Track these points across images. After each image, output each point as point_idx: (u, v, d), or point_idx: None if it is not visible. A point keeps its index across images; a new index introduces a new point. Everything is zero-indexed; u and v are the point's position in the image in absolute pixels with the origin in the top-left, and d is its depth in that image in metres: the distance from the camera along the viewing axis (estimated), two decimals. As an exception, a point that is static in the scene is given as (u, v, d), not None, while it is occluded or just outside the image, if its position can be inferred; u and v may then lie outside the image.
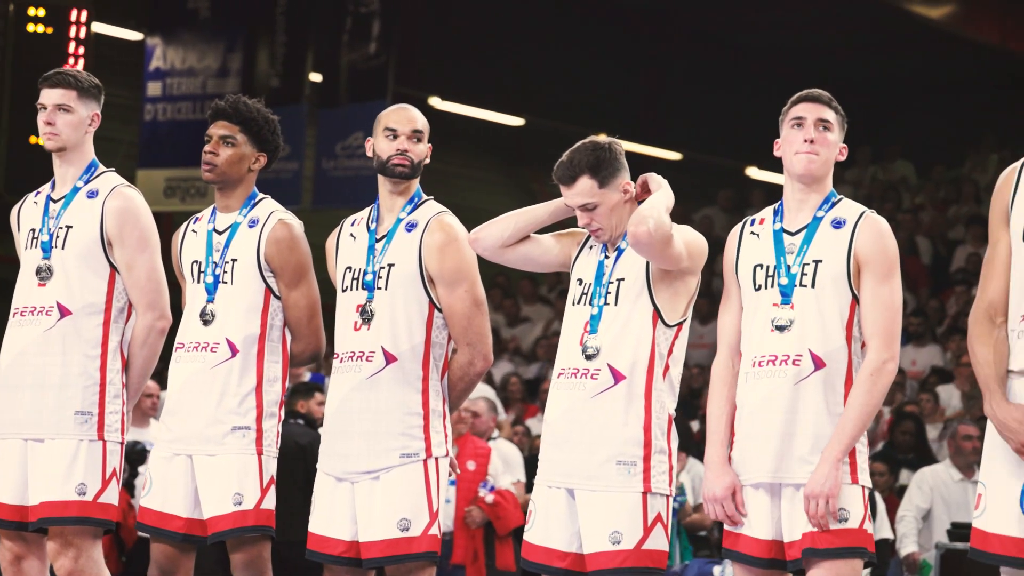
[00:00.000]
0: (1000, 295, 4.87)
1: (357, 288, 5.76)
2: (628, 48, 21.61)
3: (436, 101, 19.71)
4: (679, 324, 5.37)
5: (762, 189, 21.51)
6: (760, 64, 22.51)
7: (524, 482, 11.01)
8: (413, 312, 5.69)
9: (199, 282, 6.03)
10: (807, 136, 5.12)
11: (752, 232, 5.27)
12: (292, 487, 6.50)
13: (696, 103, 22.77)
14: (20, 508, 5.90)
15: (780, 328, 5.08)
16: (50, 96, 5.95)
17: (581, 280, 5.46)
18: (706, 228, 19.30)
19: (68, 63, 14.37)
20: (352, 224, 5.92)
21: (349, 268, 5.81)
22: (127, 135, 17.29)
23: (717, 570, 9.55)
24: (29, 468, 5.88)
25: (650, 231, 5.13)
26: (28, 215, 6.07)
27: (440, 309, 5.71)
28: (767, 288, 5.14)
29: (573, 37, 21.13)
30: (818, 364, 5.03)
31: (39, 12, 14.81)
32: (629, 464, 5.26)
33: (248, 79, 16.55)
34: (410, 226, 5.76)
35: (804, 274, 5.09)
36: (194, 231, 6.14)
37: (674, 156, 22.60)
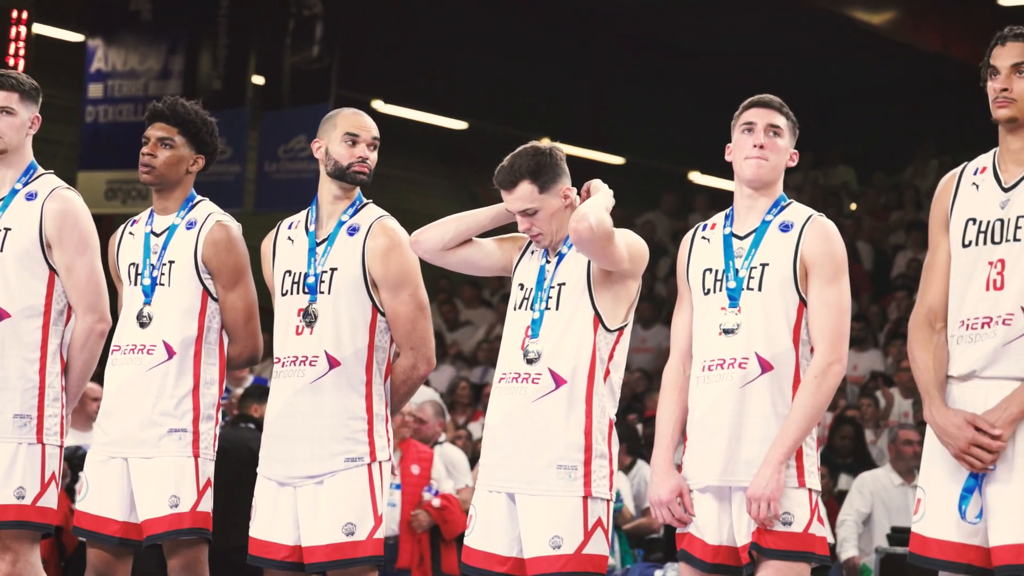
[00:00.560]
0: (940, 301, 4.89)
1: (298, 292, 5.73)
2: (571, 52, 21.65)
3: (379, 104, 19.69)
4: (620, 329, 5.37)
5: (705, 194, 21.59)
6: (703, 69, 22.59)
7: (473, 487, 11.00)
8: (357, 316, 5.68)
9: (136, 284, 6.00)
10: (757, 141, 5.14)
11: (703, 237, 5.28)
12: (245, 492, 6.50)
13: (639, 108, 22.83)
14: (-41, 512, 5.85)
15: (727, 332, 5.09)
16: None
17: (522, 285, 5.45)
18: (648, 232, 19.34)
19: (8, 64, 14.27)
20: (289, 227, 5.89)
21: (289, 272, 5.78)
22: (68, 137, 17.19)
23: (659, 574, 9.57)
24: (-33, 472, 5.83)
25: (591, 227, 5.12)
26: (-35, 218, 6.02)
27: (383, 313, 5.70)
28: (715, 292, 5.15)
29: (516, 41, 21.14)
30: (765, 367, 5.04)
31: (-22, 13, 14.73)
32: (570, 468, 5.26)
33: (190, 81, 16.48)
34: (352, 230, 5.74)
35: (752, 277, 5.10)
36: (131, 233, 6.11)
37: (617, 160, 22.64)
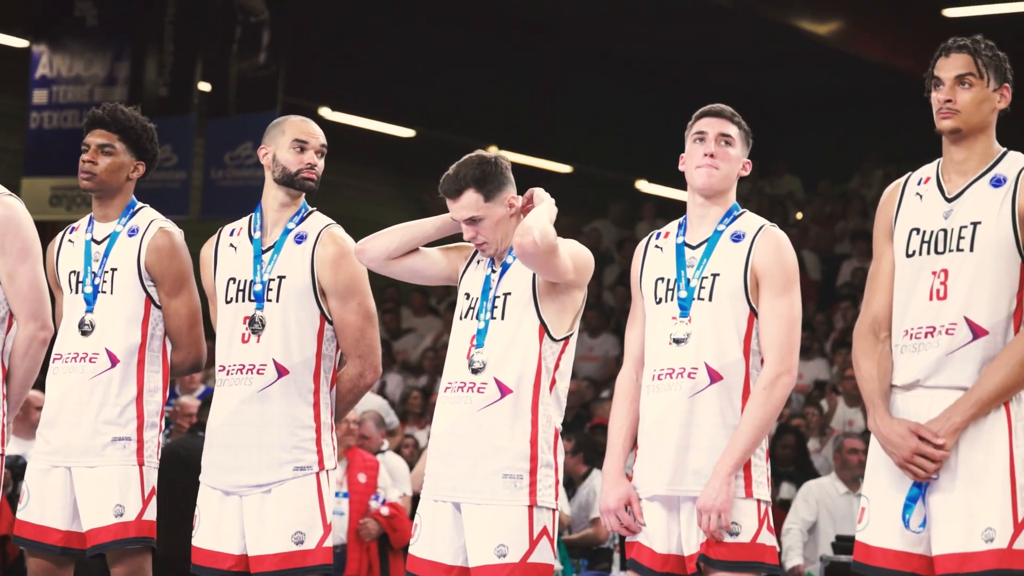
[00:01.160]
0: (884, 310, 4.91)
1: (244, 299, 5.71)
2: (519, 61, 21.67)
3: (326, 112, 19.64)
4: (566, 338, 5.37)
5: (652, 203, 21.65)
6: (651, 79, 22.66)
7: (411, 495, 10.99)
8: (305, 324, 5.66)
9: (77, 292, 5.96)
10: (707, 150, 5.15)
11: (656, 246, 5.29)
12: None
13: (587, 116, 22.87)
14: None
15: (677, 341, 5.09)
16: None
17: (468, 294, 5.45)
18: (594, 240, 19.38)
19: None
20: (231, 234, 5.86)
21: (233, 279, 5.75)
22: (12, 143, 17.09)
23: (606, 583, 9.58)
24: (-94, 483, 5.79)
25: (535, 240, 5.13)
26: (-94, 226, 5.96)
27: (331, 321, 5.68)
28: (667, 301, 5.16)
29: (464, 49, 21.14)
30: (714, 377, 5.05)
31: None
32: (515, 478, 5.26)
33: (136, 88, 16.40)
34: (299, 238, 5.72)
35: (702, 287, 5.11)
36: (71, 241, 6.07)
37: (565, 169, 22.66)
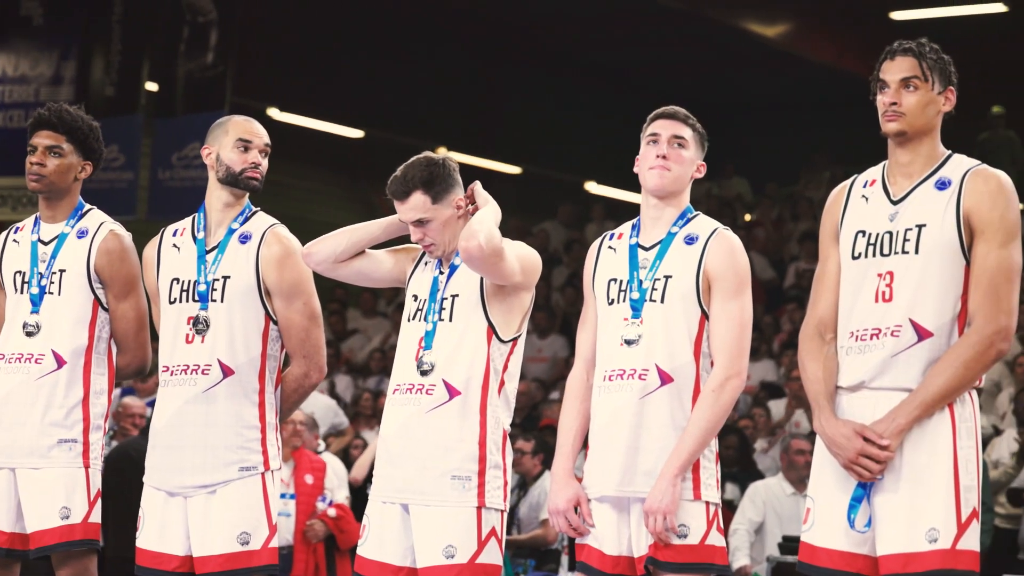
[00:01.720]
0: (830, 312, 4.94)
1: (188, 300, 5.69)
2: (468, 62, 21.66)
3: (275, 112, 19.60)
4: (514, 339, 5.38)
5: (601, 204, 21.68)
6: (600, 80, 22.69)
7: (348, 497, 11.03)
8: (250, 325, 5.65)
9: (23, 293, 5.93)
10: (660, 152, 5.16)
11: (610, 247, 5.30)
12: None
13: (536, 118, 22.89)
14: None
15: (629, 343, 5.11)
16: None
17: (416, 296, 5.45)
18: (542, 241, 19.39)
19: None
20: (174, 234, 5.84)
21: (176, 279, 5.73)
22: (-42, 144, 16.97)
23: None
24: None
25: (481, 245, 5.13)
26: None
27: (276, 321, 5.67)
28: (619, 303, 5.17)
29: (413, 50, 21.12)
30: (664, 379, 5.06)
31: None
32: (464, 479, 5.26)
33: (82, 87, 16.31)
34: (244, 238, 5.71)
35: (655, 289, 5.12)
36: (16, 241, 6.04)
37: (514, 170, 22.69)
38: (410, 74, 21.30)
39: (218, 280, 5.66)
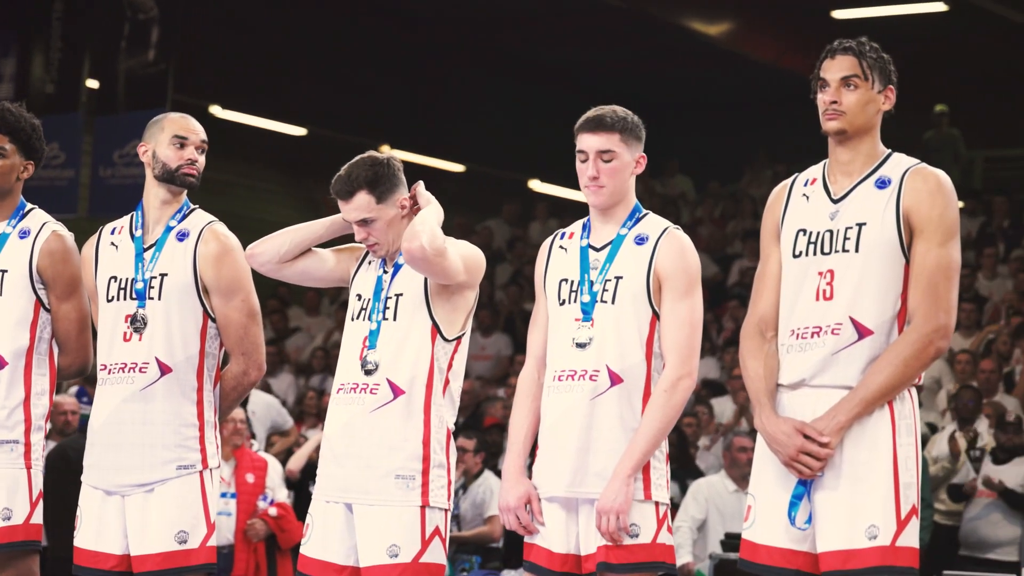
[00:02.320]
0: (771, 310, 4.96)
1: (125, 298, 5.66)
2: (411, 60, 21.63)
3: (216, 109, 19.53)
4: (458, 338, 5.38)
5: (545, 202, 21.71)
6: (543, 78, 22.70)
7: (290, 496, 11.03)
8: (188, 322, 5.63)
9: (-38, 294, 5.88)
10: (590, 173, 5.15)
11: (561, 246, 5.30)
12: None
13: (479, 116, 22.88)
14: None
15: (580, 345, 5.11)
16: None
17: (360, 295, 5.45)
18: (486, 239, 19.39)
19: None
20: (112, 232, 5.82)
21: (114, 278, 5.71)
22: None
23: (497, 582, 9.60)
24: None
25: (423, 245, 5.14)
26: None
27: (214, 319, 5.66)
28: (570, 303, 5.17)
29: (356, 47, 21.08)
30: (615, 380, 5.07)
31: None
32: (408, 478, 5.27)
33: (22, 85, 16.20)
34: (181, 235, 5.68)
35: (605, 290, 5.12)
36: (-44, 242, 5.99)
37: (457, 168, 22.68)
38: (353, 72, 21.26)
39: (155, 278, 5.64)
